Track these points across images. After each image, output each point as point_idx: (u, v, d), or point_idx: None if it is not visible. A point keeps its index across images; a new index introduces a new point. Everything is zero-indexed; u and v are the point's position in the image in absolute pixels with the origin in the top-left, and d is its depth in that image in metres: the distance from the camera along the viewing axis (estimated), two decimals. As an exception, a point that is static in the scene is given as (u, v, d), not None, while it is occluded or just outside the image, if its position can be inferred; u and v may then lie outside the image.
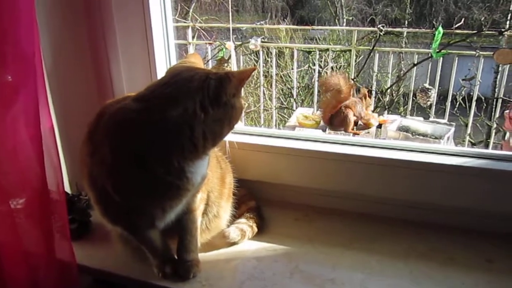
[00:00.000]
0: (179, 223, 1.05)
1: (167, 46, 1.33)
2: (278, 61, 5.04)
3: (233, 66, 1.81)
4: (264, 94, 4.50)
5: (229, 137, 1.33)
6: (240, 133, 1.39)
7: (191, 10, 5.17)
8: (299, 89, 4.81)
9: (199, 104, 0.86)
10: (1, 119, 0.90)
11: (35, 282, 1.07)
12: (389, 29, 3.53)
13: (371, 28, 3.85)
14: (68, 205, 1.23)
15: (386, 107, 3.76)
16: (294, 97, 4.31)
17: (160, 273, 1.07)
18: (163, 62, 1.33)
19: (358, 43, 3.64)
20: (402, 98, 4.44)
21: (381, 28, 3.21)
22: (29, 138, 0.95)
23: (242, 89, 0.93)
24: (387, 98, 3.88)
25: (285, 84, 4.89)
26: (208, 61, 3.79)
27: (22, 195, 1.02)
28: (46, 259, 1.07)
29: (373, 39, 3.43)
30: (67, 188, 1.36)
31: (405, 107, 3.94)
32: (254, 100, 4.64)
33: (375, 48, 3.38)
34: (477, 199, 1.18)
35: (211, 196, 1.13)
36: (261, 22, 5.86)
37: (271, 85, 4.21)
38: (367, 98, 2.74)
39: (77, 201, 1.26)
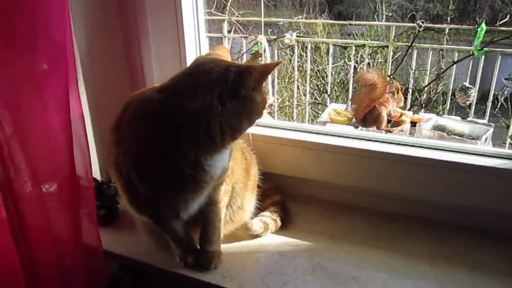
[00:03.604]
0: (203, 214, 1.05)
1: (197, 38, 1.33)
2: (314, 56, 4.98)
3: (268, 59, 1.80)
4: (298, 89, 4.47)
5: (256, 130, 1.36)
6: (268, 127, 1.39)
7: (228, 4, 5.19)
8: (334, 85, 4.74)
9: (216, 96, 0.85)
10: (33, 104, 0.93)
11: (63, 266, 1.10)
12: (429, 25, 3.42)
13: (410, 24, 3.73)
14: (97, 192, 1.27)
15: (423, 105, 3.66)
16: (328, 93, 4.25)
17: (182, 262, 1.08)
18: (193, 54, 1.34)
19: (396, 39, 3.54)
20: (441, 97, 4.30)
21: (420, 24, 3.11)
22: (60, 124, 0.97)
23: (264, 83, 0.92)
24: (425, 97, 3.77)
25: (319, 80, 4.83)
26: (242, 54, 3.80)
27: (53, 180, 1.05)
28: (73, 244, 1.10)
29: (412, 35, 3.33)
30: (98, 175, 1.39)
31: (444, 106, 3.81)
32: (288, 95, 4.61)
33: (413, 44, 3.28)
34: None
35: (236, 188, 1.13)
36: (298, 17, 5.81)
37: (305, 80, 4.18)
38: (399, 93, 2.67)
39: (106, 188, 1.29)
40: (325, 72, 4.73)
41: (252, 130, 1.33)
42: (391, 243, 1.17)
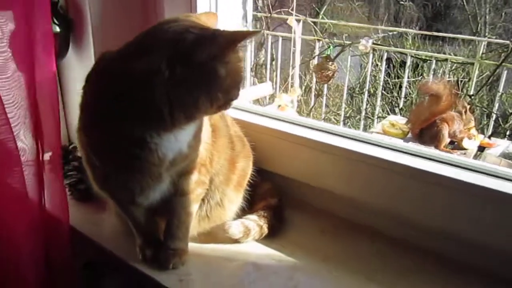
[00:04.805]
0: (168, 205, 0.91)
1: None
2: (399, 71, 4.68)
3: (297, 44, 1.60)
4: (375, 100, 4.20)
5: (267, 123, 1.18)
6: (282, 120, 1.21)
7: (321, 12, 5.10)
8: (409, 99, 4.38)
9: (166, 60, 0.70)
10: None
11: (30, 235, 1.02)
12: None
13: (501, 41, 3.29)
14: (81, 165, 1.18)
15: (507, 133, 3.20)
16: (400, 107, 3.91)
17: (140, 255, 0.95)
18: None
19: (486, 57, 3.14)
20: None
21: (514, 42, 2.71)
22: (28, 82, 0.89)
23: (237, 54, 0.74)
24: (510, 123, 3.31)
25: (392, 93, 4.50)
26: (314, 57, 3.68)
27: (26, 142, 0.97)
28: (39, 212, 1.01)
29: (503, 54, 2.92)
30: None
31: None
32: (358, 105, 4.37)
33: (503, 64, 2.86)
34: None
35: (215, 181, 0.98)
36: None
37: (378, 92, 3.91)
38: (467, 113, 2.29)
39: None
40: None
41: (262, 122, 1.20)
42: (392, 277, 0.93)
